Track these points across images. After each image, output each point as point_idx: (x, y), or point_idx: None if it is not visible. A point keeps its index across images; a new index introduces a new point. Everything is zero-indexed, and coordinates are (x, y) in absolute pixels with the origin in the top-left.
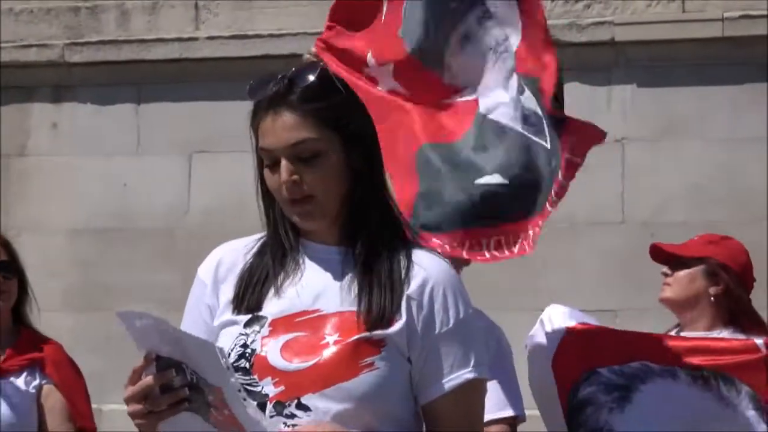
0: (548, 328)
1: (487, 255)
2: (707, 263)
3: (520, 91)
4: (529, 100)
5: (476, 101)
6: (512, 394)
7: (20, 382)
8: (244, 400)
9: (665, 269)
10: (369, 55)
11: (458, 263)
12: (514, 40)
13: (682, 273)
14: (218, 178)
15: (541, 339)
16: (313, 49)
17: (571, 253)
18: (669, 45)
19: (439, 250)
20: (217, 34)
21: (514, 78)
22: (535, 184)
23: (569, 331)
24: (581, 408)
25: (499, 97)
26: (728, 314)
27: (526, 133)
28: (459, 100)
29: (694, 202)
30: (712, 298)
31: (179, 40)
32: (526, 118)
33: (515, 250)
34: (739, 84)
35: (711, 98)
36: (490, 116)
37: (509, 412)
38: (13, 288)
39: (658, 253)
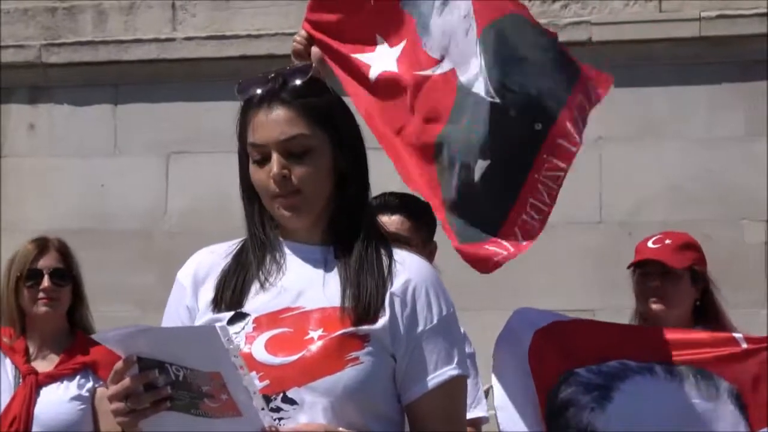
0: (516, 332)
1: (524, 243)
2: (692, 272)
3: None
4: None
5: (454, 72)
6: (478, 395)
7: (74, 385)
8: (245, 375)
9: (657, 283)
10: (378, 38)
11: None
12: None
13: (679, 289)
14: (196, 179)
15: (510, 344)
16: (303, 32)
17: (548, 253)
18: (646, 45)
19: (497, 258)
20: (195, 34)
21: (477, 45)
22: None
23: (538, 334)
24: (562, 410)
25: (474, 66)
26: (705, 316)
27: (493, 99)
28: (437, 72)
29: (673, 201)
30: (698, 303)
31: (156, 40)
32: (487, 84)
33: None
34: (717, 83)
35: (688, 98)
36: (474, 90)
37: (476, 413)
38: (66, 295)
39: (648, 263)
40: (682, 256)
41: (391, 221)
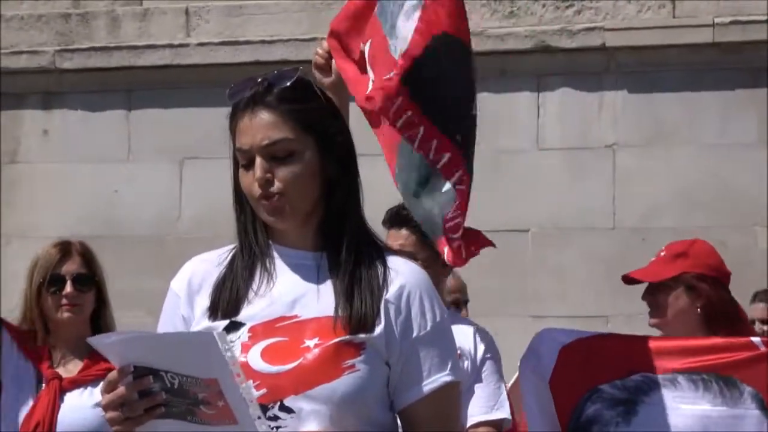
0: (540, 353)
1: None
2: (683, 280)
3: None
4: None
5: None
6: (501, 398)
7: (97, 391)
8: (242, 383)
9: (647, 298)
10: (365, 47)
11: (438, 273)
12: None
13: (664, 297)
14: (209, 184)
15: (534, 364)
16: (326, 44)
17: (561, 259)
18: (659, 50)
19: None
20: (208, 40)
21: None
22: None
23: (563, 352)
24: (587, 427)
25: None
26: (715, 319)
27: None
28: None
29: (684, 207)
30: (699, 310)
31: (170, 46)
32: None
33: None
34: (730, 89)
35: (701, 104)
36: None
37: (498, 415)
38: (89, 300)
39: (632, 282)
40: (669, 267)
41: (398, 235)
